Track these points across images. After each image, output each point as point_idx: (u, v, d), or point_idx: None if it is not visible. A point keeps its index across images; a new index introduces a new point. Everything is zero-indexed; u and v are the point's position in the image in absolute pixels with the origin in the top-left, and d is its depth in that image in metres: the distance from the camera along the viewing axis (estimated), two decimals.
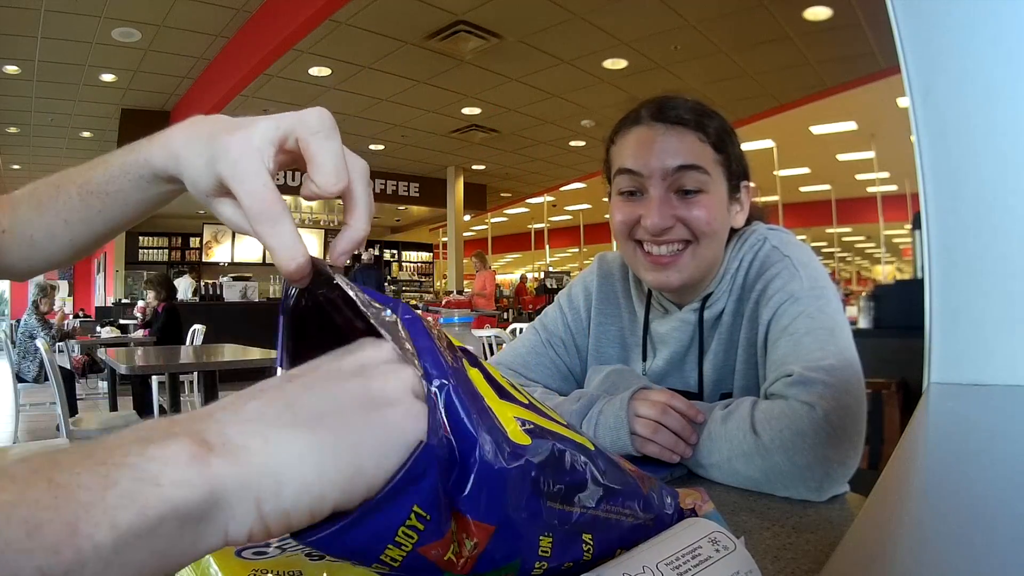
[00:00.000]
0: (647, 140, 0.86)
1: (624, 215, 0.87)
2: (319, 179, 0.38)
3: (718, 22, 5.13)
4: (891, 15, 0.85)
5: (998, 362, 0.79)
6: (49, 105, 7.08)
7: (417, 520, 0.28)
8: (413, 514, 0.28)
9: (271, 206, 0.36)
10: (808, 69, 6.04)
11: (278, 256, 0.36)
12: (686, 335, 0.92)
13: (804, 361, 0.75)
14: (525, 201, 13.33)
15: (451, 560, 0.30)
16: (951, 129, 0.83)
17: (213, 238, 12.29)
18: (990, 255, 0.80)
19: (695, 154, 0.84)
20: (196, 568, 0.38)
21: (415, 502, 0.28)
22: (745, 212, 0.93)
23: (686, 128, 0.85)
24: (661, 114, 0.86)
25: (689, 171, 0.84)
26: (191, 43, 5.82)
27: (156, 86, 6.96)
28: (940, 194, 0.84)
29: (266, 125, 0.38)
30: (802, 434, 0.69)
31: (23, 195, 0.54)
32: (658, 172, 0.84)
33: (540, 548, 0.33)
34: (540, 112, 7.41)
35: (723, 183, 0.88)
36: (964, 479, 0.45)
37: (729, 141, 0.88)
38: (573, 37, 5.46)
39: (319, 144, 0.38)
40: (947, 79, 0.83)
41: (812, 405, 0.71)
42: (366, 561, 0.28)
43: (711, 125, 0.86)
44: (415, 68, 6.17)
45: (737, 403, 0.77)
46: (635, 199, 0.87)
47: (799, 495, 0.69)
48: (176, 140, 0.43)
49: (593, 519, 0.36)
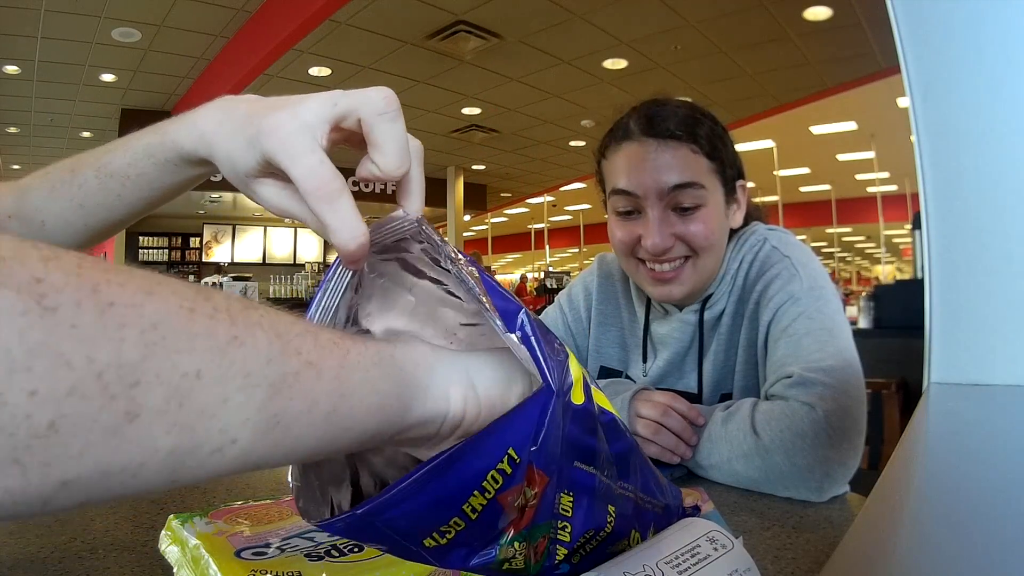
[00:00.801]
0: (640, 159, 0.84)
1: (624, 234, 0.87)
2: (383, 163, 0.36)
3: (718, 22, 5.12)
4: (891, 15, 0.85)
5: (998, 362, 0.79)
6: (49, 105, 7.08)
7: (508, 464, 0.27)
8: (507, 457, 0.27)
9: (330, 182, 0.34)
10: (808, 69, 6.04)
11: (340, 236, 0.34)
12: (686, 336, 0.92)
13: (804, 362, 0.75)
14: (525, 201, 13.33)
15: (519, 506, 0.29)
16: (951, 129, 0.83)
17: (213, 238, 12.29)
18: (990, 255, 0.80)
19: (690, 170, 0.83)
20: (196, 568, 0.38)
21: (511, 444, 0.27)
22: (743, 211, 0.92)
23: (679, 142, 0.83)
24: (652, 128, 0.84)
25: (686, 189, 0.83)
26: (191, 43, 5.83)
27: (156, 86, 6.96)
28: (940, 194, 0.84)
29: (321, 101, 0.36)
30: (802, 435, 0.69)
31: (33, 180, 0.53)
32: (654, 192, 0.83)
33: (562, 506, 0.33)
34: (540, 112, 7.41)
35: (719, 190, 0.87)
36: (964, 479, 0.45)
37: (722, 145, 0.87)
38: (573, 37, 5.45)
39: (385, 127, 0.36)
40: (947, 79, 0.83)
41: (812, 406, 0.71)
42: (444, 516, 0.27)
43: (702, 133, 0.85)
44: (415, 68, 6.16)
45: (738, 404, 0.77)
46: (633, 218, 0.86)
47: (800, 495, 0.69)
48: (206, 121, 0.42)
49: (621, 494, 0.36)
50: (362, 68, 6.13)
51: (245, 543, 0.39)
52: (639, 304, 0.99)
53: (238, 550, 0.39)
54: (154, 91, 7.13)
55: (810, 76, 6.24)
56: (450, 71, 6.24)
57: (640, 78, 6.35)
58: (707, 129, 0.86)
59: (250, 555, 0.38)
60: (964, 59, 0.81)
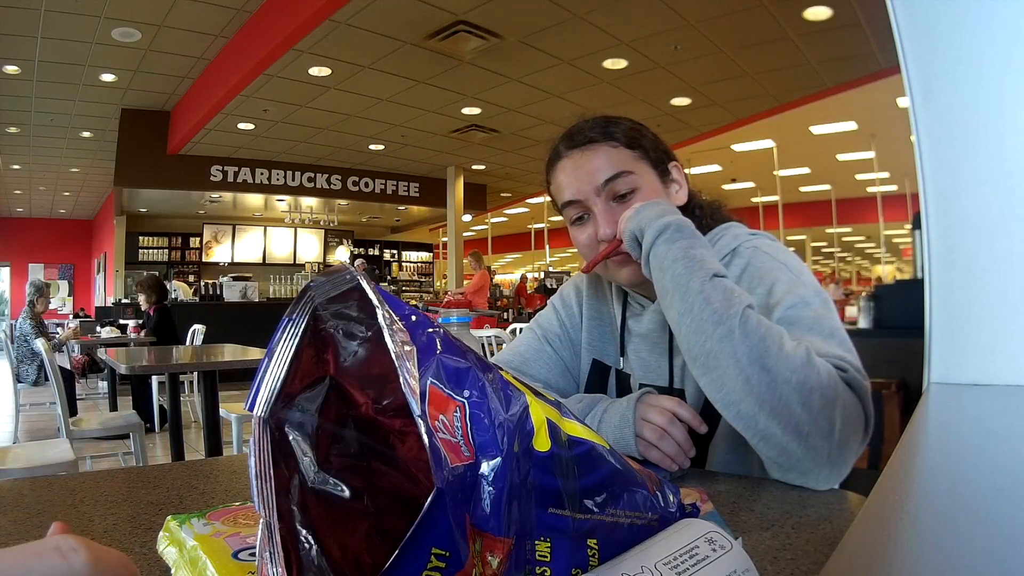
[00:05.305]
0: (572, 168, 0.94)
1: (584, 237, 0.95)
2: None
3: (718, 22, 5.13)
4: (891, 15, 0.85)
5: (998, 362, 0.79)
6: (49, 105, 7.08)
7: (437, 560, 0.27)
8: (433, 556, 0.27)
9: None
10: (808, 69, 6.04)
11: None
12: (658, 329, 0.94)
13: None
14: (525, 201, 13.33)
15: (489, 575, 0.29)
16: (951, 129, 0.83)
17: (213, 238, 12.29)
18: (990, 255, 0.80)
19: (614, 162, 0.92)
20: (193, 570, 0.37)
21: (432, 545, 0.27)
22: (684, 188, 0.98)
23: (597, 144, 0.93)
24: (573, 141, 0.95)
25: (617, 179, 0.91)
26: (191, 43, 5.83)
27: (156, 86, 6.96)
28: (940, 194, 0.84)
29: None
30: (836, 394, 0.70)
31: None
32: (592, 190, 0.92)
33: (539, 553, 0.33)
34: (540, 112, 7.41)
35: (650, 172, 0.94)
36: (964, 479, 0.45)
37: (640, 135, 0.95)
38: (573, 37, 5.45)
39: None
40: (947, 79, 0.83)
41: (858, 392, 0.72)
42: None
43: (617, 131, 0.94)
44: (415, 68, 6.16)
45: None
46: (586, 221, 0.95)
47: (788, 435, 0.69)
48: None
49: (600, 523, 0.36)
50: (362, 68, 6.14)
51: (243, 544, 0.39)
52: (616, 301, 1.02)
53: (236, 551, 0.38)
54: (154, 91, 7.13)
55: (810, 76, 6.24)
56: (450, 71, 6.24)
57: (640, 78, 6.35)
58: (622, 127, 0.94)
59: (247, 556, 0.38)
60: (964, 59, 0.81)
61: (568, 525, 0.33)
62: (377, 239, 14.89)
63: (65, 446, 2.49)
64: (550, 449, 0.33)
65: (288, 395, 0.29)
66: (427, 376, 0.30)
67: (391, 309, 0.31)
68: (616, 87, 6.59)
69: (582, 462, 0.35)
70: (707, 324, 0.72)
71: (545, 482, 0.32)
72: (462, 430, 0.29)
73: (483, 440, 0.29)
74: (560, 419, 0.36)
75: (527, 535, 0.31)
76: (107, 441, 3.84)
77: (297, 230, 12.78)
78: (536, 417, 0.33)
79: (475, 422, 0.30)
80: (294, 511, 0.27)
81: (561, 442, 0.34)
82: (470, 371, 0.31)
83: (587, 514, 0.35)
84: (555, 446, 0.33)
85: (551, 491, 0.33)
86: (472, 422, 0.30)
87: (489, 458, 0.29)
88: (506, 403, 0.31)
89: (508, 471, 0.29)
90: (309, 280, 0.36)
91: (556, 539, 0.33)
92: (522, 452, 0.31)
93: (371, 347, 0.30)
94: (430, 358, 0.31)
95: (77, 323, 7.29)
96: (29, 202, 12.59)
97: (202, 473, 0.81)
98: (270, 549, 0.27)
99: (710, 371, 0.73)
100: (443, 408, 0.29)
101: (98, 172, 9.80)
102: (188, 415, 5.03)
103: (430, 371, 0.30)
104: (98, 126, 7.93)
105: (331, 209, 11.92)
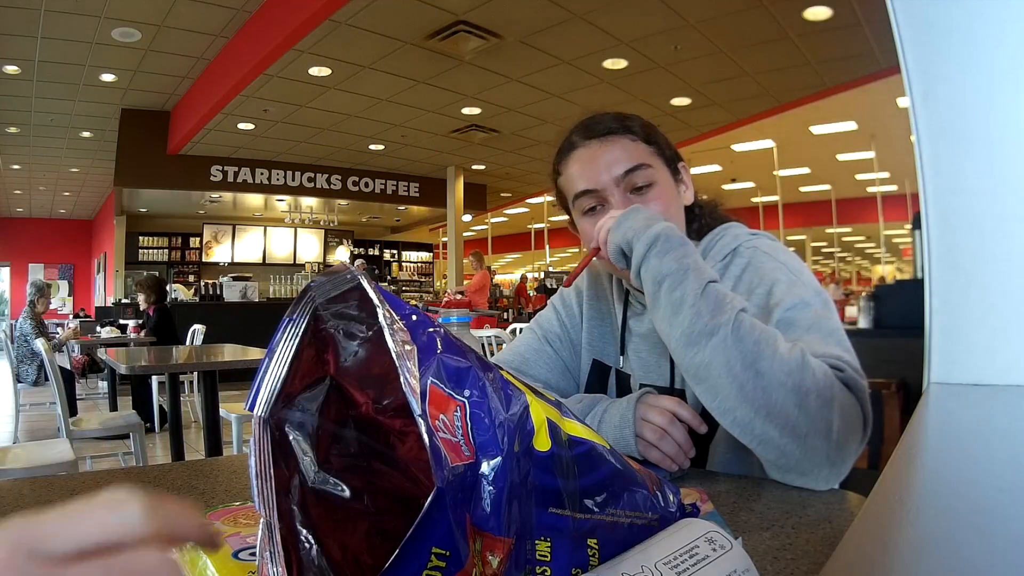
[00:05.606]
0: (590, 158, 0.93)
1: (595, 229, 0.93)
2: None
3: (718, 22, 5.12)
4: (891, 15, 0.85)
5: (998, 362, 0.79)
6: (49, 105, 7.08)
7: (438, 559, 0.27)
8: (433, 555, 0.27)
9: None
10: (808, 69, 6.04)
11: None
12: None
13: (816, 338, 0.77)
14: (525, 201, 13.32)
15: (489, 575, 0.30)
16: (951, 129, 0.83)
17: (213, 238, 12.28)
18: (990, 255, 0.80)
19: (634, 155, 0.92)
20: (193, 570, 0.37)
21: (432, 544, 0.27)
22: (690, 189, 0.99)
23: (617, 135, 0.93)
24: (591, 132, 0.94)
25: (636, 171, 0.91)
26: (191, 43, 5.82)
27: (156, 86, 6.96)
28: (940, 194, 0.84)
29: None
30: (834, 395, 0.70)
31: None
32: (611, 181, 0.91)
33: (539, 552, 0.33)
34: (540, 112, 7.41)
35: (664, 169, 0.94)
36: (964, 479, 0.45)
37: (653, 132, 0.96)
38: (573, 37, 5.45)
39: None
40: (947, 79, 0.83)
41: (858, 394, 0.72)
42: None
43: (634, 125, 0.94)
44: (415, 68, 6.16)
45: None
46: (598, 212, 0.93)
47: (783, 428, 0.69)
48: None
49: (600, 523, 0.36)
50: (362, 68, 6.13)
51: (243, 544, 0.39)
52: (618, 301, 1.02)
53: (236, 551, 0.38)
54: (154, 91, 7.13)
55: (810, 76, 6.24)
56: (450, 71, 6.24)
57: (640, 78, 6.35)
58: (637, 122, 0.95)
59: (248, 556, 0.38)
60: (964, 59, 0.81)
61: (568, 525, 0.33)
62: (377, 239, 14.88)
63: (65, 446, 2.49)
64: (550, 449, 0.33)
65: (288, 395, 0.29)
66: (428, 375, 0.30)
67: (392, 308, 0.31)
68: (616, 87, 6.59)
69: (582, 462, 0.35)
70: (701, 336, 0.73)
71: (545, 482, 0.32)
72: (462, 430, 0.29)
73: (483, 440, 0.29)
74: (560, 419, 0.36)
75: (527, 535, 0.31)
76: (107, 441, 3.84)
77: (297, 230, 12.78)
78: (536, 417, 0.33)
79: (475, 422, 0.30)
80: (294, 511, 0.27)
81: (561, 442, 0.34)
82: (471, 371, 0.31)
83: (587, 514, 0.35)
84: (555, 446, 0.33)
85: (551, 491, 0.33)
86: (472, 422, 0.30)
87: (489, 458, 0.29)
88: (506, 403, 0.31)
89: (508, 471, 0.29)
90: (309, 280, 0.36)
91: (556, 539, 0.33)
92: (522, 452, 0.31)
93: (371, 347, 0.30)
94: (431, 357, 0.31)
95: (77, 323, 7.29)
96: (29, 202, 12.59)
97: (202, 473, 0.81)
98: (270, 549, 0.27)
99: (703, 380, 0.73)
100: (443, 407, 0.29)
101: (98, 172, 9.80)
102: (188, 415, 5.03)
103: (431, 370, 0.30)
104: (98, 126, 7.93)
105: (331, 209, 11.91)
